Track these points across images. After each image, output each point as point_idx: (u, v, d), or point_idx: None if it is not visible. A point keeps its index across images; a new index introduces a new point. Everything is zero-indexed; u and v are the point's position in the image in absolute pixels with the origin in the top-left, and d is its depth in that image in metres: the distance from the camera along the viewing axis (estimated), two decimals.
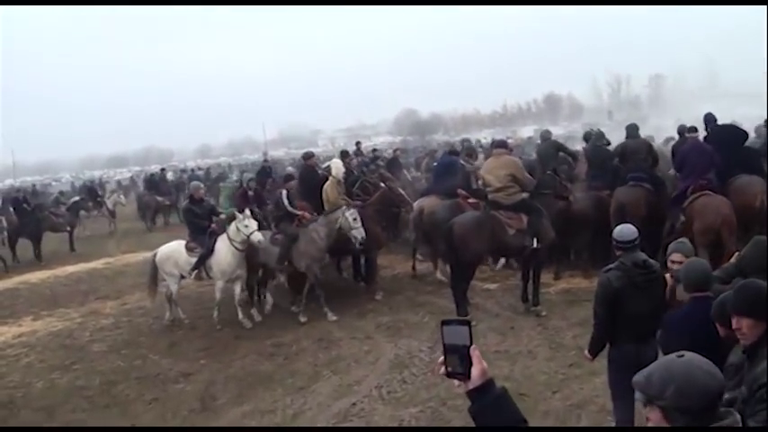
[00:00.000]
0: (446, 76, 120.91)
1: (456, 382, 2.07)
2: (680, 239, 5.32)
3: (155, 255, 10.91)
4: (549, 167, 10.88)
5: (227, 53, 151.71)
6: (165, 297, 10.93)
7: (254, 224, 10.13)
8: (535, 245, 9.19)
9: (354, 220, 10.03)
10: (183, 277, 10.77)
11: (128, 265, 16.97)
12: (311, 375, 8.04)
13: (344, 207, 10.20)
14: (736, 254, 4.87)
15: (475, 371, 2.02)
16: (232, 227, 10.27)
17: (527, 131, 51.12)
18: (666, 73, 71.93)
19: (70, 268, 17.26)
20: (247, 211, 10.27)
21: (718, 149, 9.78)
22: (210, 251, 10.37)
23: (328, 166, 12.42)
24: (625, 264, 4.86)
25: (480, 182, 9.97)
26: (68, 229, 20.15)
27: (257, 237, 10.05)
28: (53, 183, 58.34)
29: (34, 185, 41.67)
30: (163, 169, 31.51)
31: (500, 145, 10.25)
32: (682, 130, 10.94)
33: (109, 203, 24.70)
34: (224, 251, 10.32)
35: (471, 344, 2.04)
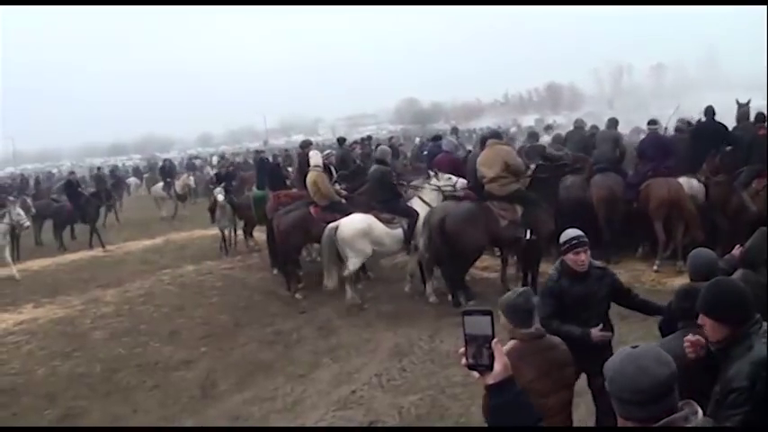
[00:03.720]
0: (447, 66, 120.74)
1: (475, 373, 2.04)
2: None
3: (334, 231, 9.68)
4: (607, 150, 11.30)
5: (229, 42, 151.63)
6: (345, 278, 9.91)
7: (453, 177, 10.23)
8: (529, 236, 9.17)
9: None
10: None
11: (129, 253, 17.04)
12: (311, 363, 8.07)
13: None
14: (737, 246, 4.85)
15: (497, 366, 2.00)
16: (427, 189, 10.07)
17: (528, 120, 50.92)
18: (668, 63, 71.68)
19: (71, 256, 17.28)
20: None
21: (703, 141, 10.67)
22: (416, 218, 9.80)
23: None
24: None
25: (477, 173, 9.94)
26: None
27: (463, 183, 10.19)
28: (54, 170, 58.19)
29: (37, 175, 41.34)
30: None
31: (493, 135, 10.30)
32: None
33: (177, 187, 24.14)
34: (422, 218, 9.78)
35: (493, 335, 2.01)
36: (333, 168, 11.68)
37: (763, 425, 2.75)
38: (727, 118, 11.41)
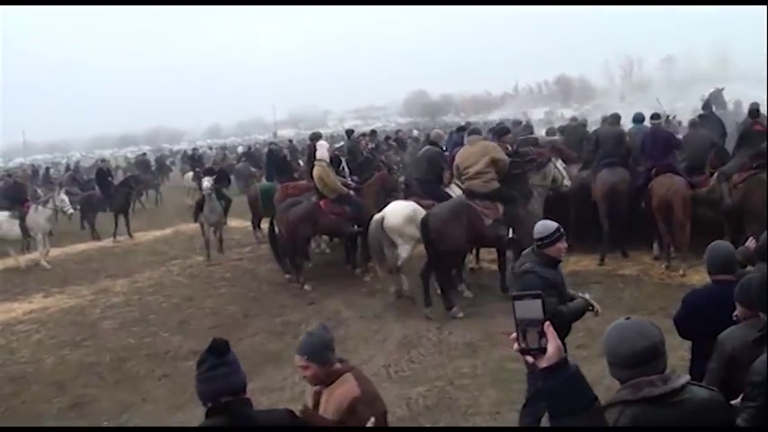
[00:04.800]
0: (456, 58, 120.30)
1: (529, 358, 2.03)
2: None
3: (381, 221, 9.53)
4: (612, 147, 11.09)
5: (237, 35, 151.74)
6: (389, 268, 9.75)
7: None
8: (510, 234, 9.03)
9: (565, 168, 10.24)
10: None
11: (138, 244, 17.09)
12: None
13: (553, 158, 10.13)
14: (750, 239, 4.82)
15: (551, 348, 1.99)
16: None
17: (538, 113, 50.76)
18: (678, 55, 71.23)
19: (81, 246, 17.37)
20: None
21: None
22: None
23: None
24: None
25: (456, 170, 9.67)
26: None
27: None
28: (63, 160, 58.29)
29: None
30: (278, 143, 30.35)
31: (474, 132, 10.26)
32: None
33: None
34: None
35: (545, 318, 2.01)
36: (344, 160, 11.66)
37: None
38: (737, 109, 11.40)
